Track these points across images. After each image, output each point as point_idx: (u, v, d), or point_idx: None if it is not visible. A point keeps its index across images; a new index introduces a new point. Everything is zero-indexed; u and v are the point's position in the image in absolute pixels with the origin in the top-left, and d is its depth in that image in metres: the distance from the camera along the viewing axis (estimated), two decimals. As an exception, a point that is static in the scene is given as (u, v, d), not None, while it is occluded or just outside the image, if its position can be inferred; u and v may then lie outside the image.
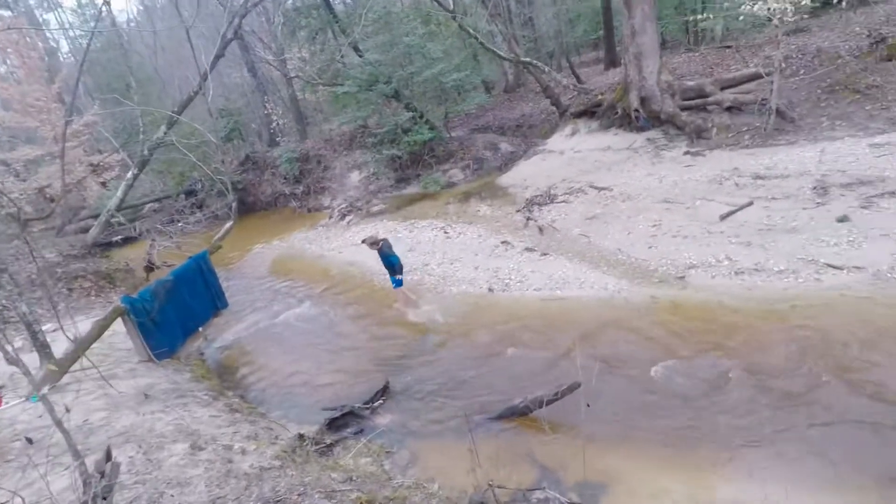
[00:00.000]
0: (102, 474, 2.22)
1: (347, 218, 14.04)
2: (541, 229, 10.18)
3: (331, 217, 14.72)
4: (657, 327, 6.29)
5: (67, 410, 2.73)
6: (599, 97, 15.18)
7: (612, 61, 21.16)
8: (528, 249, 9.31)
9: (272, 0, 20.17)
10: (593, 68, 23.21)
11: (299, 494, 3.19)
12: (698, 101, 12.35)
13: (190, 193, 18.86)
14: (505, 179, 14.57)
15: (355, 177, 17.51)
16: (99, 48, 23.16)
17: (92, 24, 18.51)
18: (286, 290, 10.11)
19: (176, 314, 7.78)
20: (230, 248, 12.76)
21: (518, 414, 5.13)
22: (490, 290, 8.22)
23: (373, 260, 10.71)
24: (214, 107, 15.84)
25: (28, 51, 17.61)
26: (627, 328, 6.40)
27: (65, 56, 29.78)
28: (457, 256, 9.68)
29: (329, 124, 22.21)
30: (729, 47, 15.65)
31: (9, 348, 2.48)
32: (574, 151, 14.68)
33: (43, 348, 6.15)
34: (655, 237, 8.51)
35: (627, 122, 13.76)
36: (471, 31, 16.22)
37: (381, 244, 8.08)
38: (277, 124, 20.45)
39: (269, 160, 18.97)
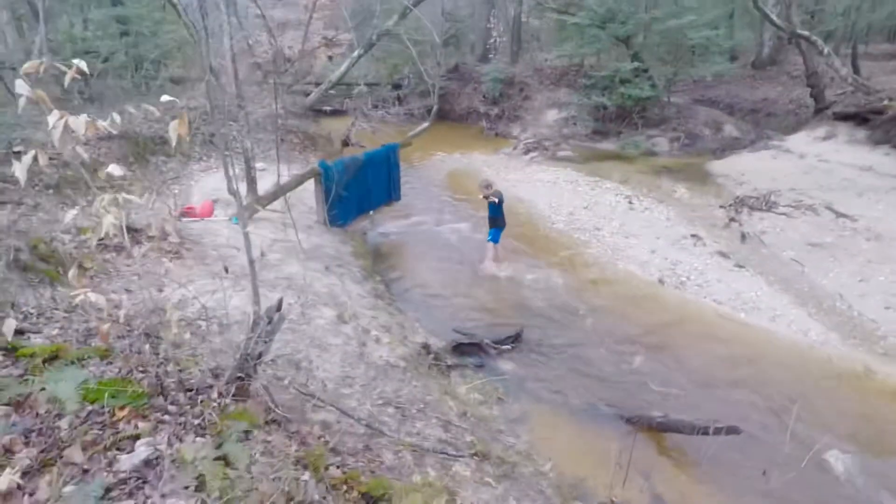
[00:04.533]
0: (270, 320, 2.34)
1: (531, 154, 13.56)
2: (744, 236, 8.68)
3: (515, 148, 14.37)
4: (861, 406, 5.01)
5: (262, 255, 2.99)
6: (885, 102, 11.98)
7: (918, 62, 16.46)
8: (721, 254, 8.03)
9: None
10: (883, 64, 18.28)
11: (418, 410, 3.20)
12: None
13: (396, 87, 19.82)
14: (717, 166, 12.62)
15: (552, 115, 16.66)
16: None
17: None
18: (453, 204, 10.26)
19: (356, 191, 8.34)
20: (415, 148, 13.25)
21: (652, 427, 4.56)
22: (661, 280, 7.33)
23: (543, 203, 10.32)
24: (445, 9, 16.01)
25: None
26: (821, 392, 5.20)
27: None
28: (635, 232, 8.76)
29: (544, 54, 21.17)
30: None
31: (231, 175, 2.67)
32: (819, 159, 12.02)
33: (252, 182, 7.06)
34: (900, 298, 6.68)
35: (914, 144, 10.78)
36: (747, -17, 13.59)
37: (491, 193, 7.36)
38: (494, 41, 20.07)
39: (476, 75, 18.89)
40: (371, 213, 9.08)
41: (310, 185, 8.10)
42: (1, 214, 4.74)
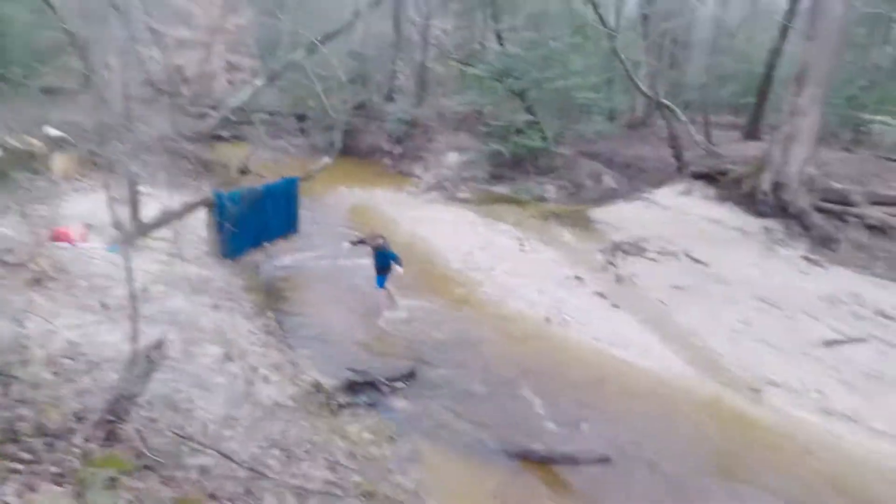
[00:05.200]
0: (148, 359, 2.23)
1: (432, 193, 14.08)
2: (619, 278, 9.65)
3: (417, 187, 14.82)
4: (712, 428, 5.75)
5: (145, 289, 2.81)
6: (728, 166, 14.23)
7: (752, 133, 19.72)
8: (600, 294, 8.83)
9: (442, -34, 20.42)
10: (727, 133, 21.69)
11: (305, 451, 3.14)
12: (838, 207, 11.22)
13: (300, 118, 19.59)
14: (598, 214, 13.97)
15: (453, 158, 17.45)
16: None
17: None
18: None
19: (253, 223, 8.06)
20: (319, 182, 13.09)
21: (534, 459, 4.84)
22: (547, 319, 7.88)
23: (441, 242, 10.68)
24: (353, 48, 16.32)
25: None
26: (682, 417, 5.87)
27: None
28: (525, 273, 9.37)
29: (447, 100, 22.24)
30: (896, 161, 13.99)
31: (114, 200, 2.55)
32: (680, 211, 13.82)
33: (135, 207, 6.54)
34: (739, 335, 7.78)
35: (749, 202, 12.82)
36: (622, 56, 15.59)
37: (382, 243, 7.54)
38: (400, 83, 20.78)
39: (381, 114, 19.34)
40: (267, 245, 8.79)
41: (202, 213, 7.69)
42: None
